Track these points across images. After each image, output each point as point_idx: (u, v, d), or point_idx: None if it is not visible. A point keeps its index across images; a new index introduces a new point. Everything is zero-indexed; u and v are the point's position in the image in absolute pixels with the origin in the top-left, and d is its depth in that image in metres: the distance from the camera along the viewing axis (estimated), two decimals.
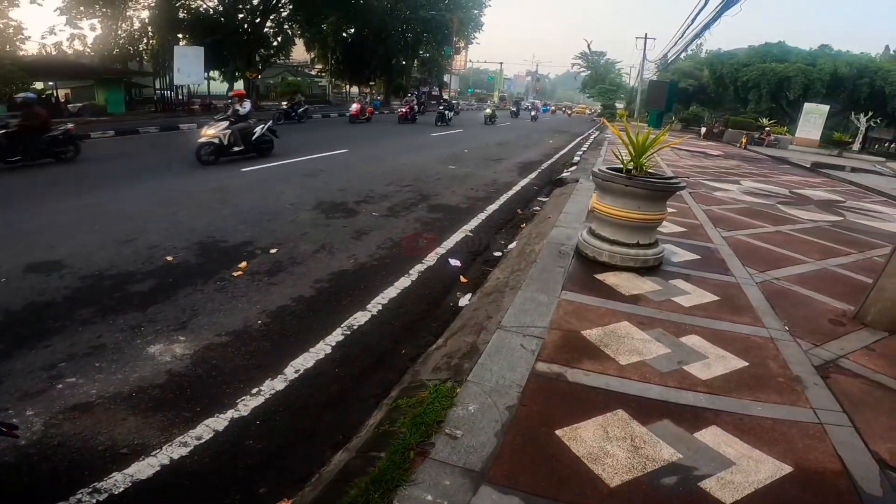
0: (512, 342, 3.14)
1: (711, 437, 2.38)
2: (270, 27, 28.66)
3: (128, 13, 24.51)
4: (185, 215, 6.04)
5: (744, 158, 18.64)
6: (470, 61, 69.07)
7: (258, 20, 26.84)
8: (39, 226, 5.40)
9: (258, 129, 10.11)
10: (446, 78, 48.35)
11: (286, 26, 29.51)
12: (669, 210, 5.91)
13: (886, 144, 34.37)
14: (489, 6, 43.37)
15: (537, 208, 7.74)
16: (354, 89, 41.80)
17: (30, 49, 21.48)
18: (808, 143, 26.72)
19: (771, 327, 3.66)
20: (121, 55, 24.48)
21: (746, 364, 3.09)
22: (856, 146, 28.55)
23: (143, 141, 13.55)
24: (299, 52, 36.70)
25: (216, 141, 9.24)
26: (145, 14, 24.94)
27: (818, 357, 3.28)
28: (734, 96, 36.43)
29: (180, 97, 24.14)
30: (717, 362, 3.09)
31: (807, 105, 28.10)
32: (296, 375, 3.04)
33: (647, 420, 2.46)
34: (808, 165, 17.59)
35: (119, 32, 24.42)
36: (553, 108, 61.62)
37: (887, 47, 41.53)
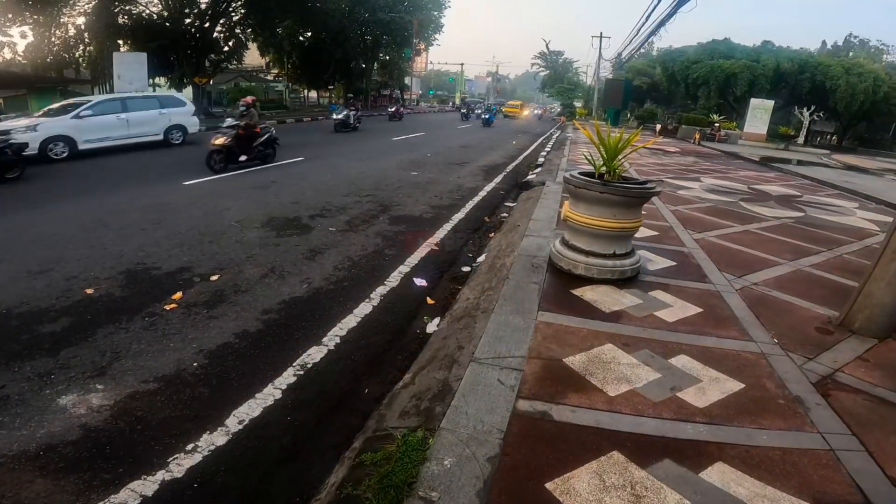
0: (488, 377, 2.80)
1: (718, 475, 2.16)
2: (221, 31, 27.40)
3: (62, 20, 23.06)
4: (111, 239, 5.38)
5: (699, 154, 19.04)
6: (431, 63, 68.66)
7: (207, 24, 25.59)
8: None
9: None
10: (407, 80, 47.81)
11: (238, 30, 28.33)
12: None
13: (829, 137, 36.25)
14: (449, 7, 43.01)
15: (505, 215, 7.42)
16: (313, 94, 40.82)
17: None
18: (756, 138, 27.74)
19: (760, 341, 3.46)
20: (55, 63, 23.07)
21: (743, 386, 2.87)
22: (800, 139, 29.87)
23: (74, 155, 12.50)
24: (254, 57, 35.42)
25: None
26: (81, 20, 23.51)
27: (814, 372, 3.10)
28: (685, 93, 37.55)
29: None
30: (712, 386, 2.85)
31: (753, 101, 29.18)
32: (240, 427, 2.64)
33: (646, 461, 2.21)
34: (758, 159, 18.13)
35: (53, 39, 22.99)
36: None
37: (824, 42, 43.95)
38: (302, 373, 3.14)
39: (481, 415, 2.46)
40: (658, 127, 31.04)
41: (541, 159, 13.68)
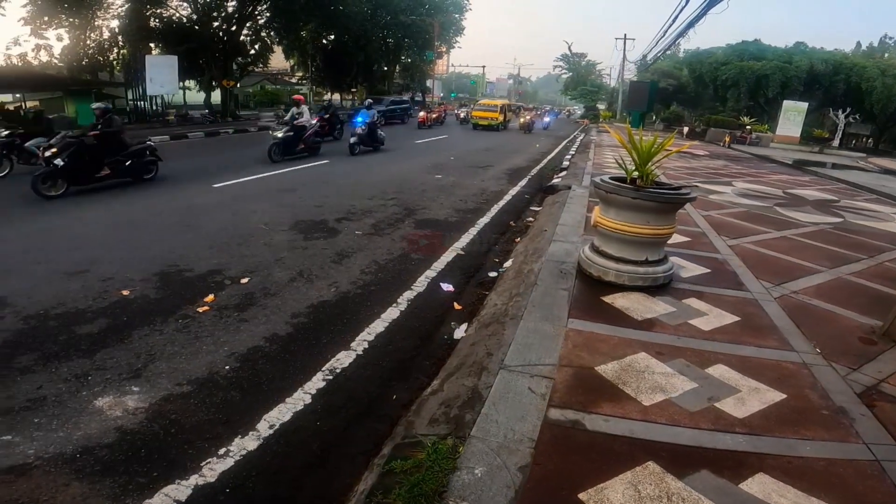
0: (518, 385, 2.75)
1: (759, 486, 2.09)
2: (247, 35, 27.89)
3: (96, 22, 23.57)
4: (145, 240, 5.49)
5: (730, 158, 18.60)
6: (452, 66, 68.68)
7: (234, 28, 26.08)
8: None
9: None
10: (429, 83, 47.92)
11: (263, 34, 28.82)
12: None
13: (864, 140, 35.05)
14: (470, 10, 43.15)
15: (531, 219, 7.34)
16: (336, 96, 41.30)
17: None
18: (788, 141, 26.99)
19: (801, 350, 3.35)
20: (90, 65, 23.59)
21: (784, 396, 2.79)
22: (835, 142, 28.95)
23: None
24: (278, 60, 35.99)
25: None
26: (115, 23, 24.07)
27: (858, 383, 2.99)
28: (713, 95, 36.86)
29: (155, 107, 23.36)
30: (752, 396, 2.77)
31: (786, 103, 28.41)
32: (270, 432, 2.62)
33: (683, 472, 2.14)
34: (791, 163, 17.63)
35: (88, 42, 23.49)
36: None
37: (858, 43, 42.49)
38: (331, 377, 3.12)
39: (512, 423, 2.42)
40: (685, 129, 30.46)
41: (566, 163, 13.52)
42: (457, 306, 4.26)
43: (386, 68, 40.95)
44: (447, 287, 4.63)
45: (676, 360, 3.09)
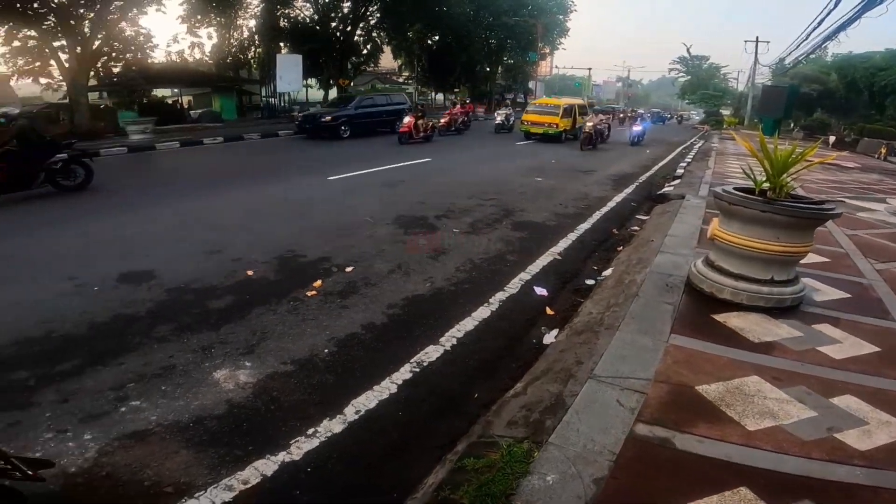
0: (606, 396, 2.62)
1: None
2: (360, 35, 29.56)
3: (238, 21, 25.92)
4: (268, 226, 6.10)
5: (886, 171, 16.05)
6: (556, 67, 66.82)
7: (349, 28, 27.83)
8: (135, 233, 5.70)
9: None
10: (531, 84, 47.23)
11: (374, 34, 30.40)
12: None
13: None
14: (575, 10, 41.77)
15: (636, 228, 6.92)
16: (440, 96, 42.27)
17: (157, 57, 23.13)
18: None
19: None
20: (233, 63, 26.14)
21: None
22: None
23: (244, 147, 14.40)
24: (387, 61, 37.69)
25: None
26: (252, 23, 26.38)
27: None
28: (868, 102, 32.22)
29: (283, 104, 25.51)
30: (880, 429, 2.44)
31: None
32: (356, 417, 2.72)
33: (780, 500, 1.95)
34: None
35: (231, 41, 25.95)
36: None
37: None
38: (418, 370, 3.18)
39: (593, 434, 2.32)
40: (832, 138, 26.82)
41: (680, 170, 12.56)
42: (549, 311, 4.15)
43: (488, 69, 41.14)
44: (541, 291, 4.54)
45: (796, 386, 2.76)
